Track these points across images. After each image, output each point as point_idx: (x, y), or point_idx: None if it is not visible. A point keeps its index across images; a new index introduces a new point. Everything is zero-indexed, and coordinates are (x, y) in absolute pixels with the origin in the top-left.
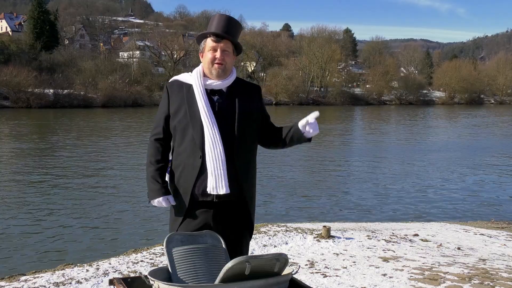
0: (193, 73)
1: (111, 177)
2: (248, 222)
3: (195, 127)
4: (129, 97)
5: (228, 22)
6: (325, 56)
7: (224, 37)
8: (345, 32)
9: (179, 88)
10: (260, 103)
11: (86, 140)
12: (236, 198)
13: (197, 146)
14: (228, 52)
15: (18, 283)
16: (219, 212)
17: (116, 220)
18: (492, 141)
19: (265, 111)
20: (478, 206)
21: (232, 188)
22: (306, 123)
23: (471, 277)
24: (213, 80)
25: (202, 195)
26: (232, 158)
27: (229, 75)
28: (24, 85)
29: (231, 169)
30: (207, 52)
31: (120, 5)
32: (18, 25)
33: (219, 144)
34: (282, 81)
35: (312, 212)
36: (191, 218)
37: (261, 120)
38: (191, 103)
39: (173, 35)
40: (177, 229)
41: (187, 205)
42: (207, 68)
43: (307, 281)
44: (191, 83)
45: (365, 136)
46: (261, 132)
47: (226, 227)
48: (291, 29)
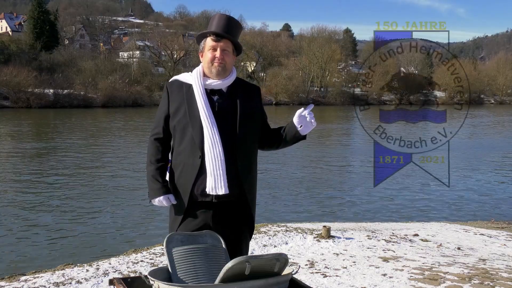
0: (193, 73)
1: (111, 177)
2: (248, 222)
3: (194, 127)
4: (129, 97)
5: (228, 22)
6: (325, 56)
7: (224, 36)
8: (345, 32)
9: (179, 88)
10: (260, 104)
11: (86, 140)
12: (236, 199)
13: (197, 146)
14: (228, 52)
15: (18, 283)
16: (218, 212)
17: (116, 220)
18: (492, 141)
19: (263, 112)
20: (478, 206)
21: (231, 188)
22: (299, 115)
23: (471, 277)
24: (213, 79)
25: (201, 195)
26: (234, 158)
27: (229, 75)
28: (24, 85)
29: (232, 170)
30: (207, 51)
31: (120, 5)
32: (18, 25)
33: (219, 144)
34: (282, 81)
35: (312, 212)
36: (190, 218)
37: (261, 121)
38: (191, 103)
39: (173, 35)
40: (176, 229)
41: (186, 205)
42: (206, 67)
43: (307, 281)
44: (191, 82)
45: (365, 136)
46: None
47: (225, 227)
48: (291, 29)
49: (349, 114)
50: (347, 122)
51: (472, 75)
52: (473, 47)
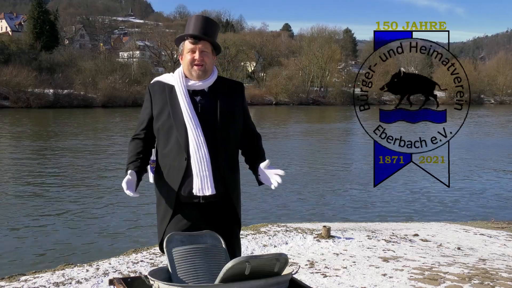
0: (175, 74)
1: (110, 177)
2: (235, 218)
3: (179, 129)
4: (129, 97)
5: (205, 23)
6: (325, 56)
7: (202, 38)
8: (345, 32)
9: (162, 89)
10: (242, 101)
11: (86, 140)
12: (222, 198)
13: (182, 148)
14: (207, 53)
15: (18, 283)
16: (205, 212)
17: (116, 220)
18: (492, 141)
19: (246, 110)
20: (478, 206)
21: (217, 188)
22: (264, 169)
23: (471, 277)
24: (195, 81)
25: (188, 196)
26: (216, 158)
27: (210, 75)
28: (24, 85)
29: (216, 170)
30: (186, 54)
31: (120, 5)
32: (18, 25)
33: (203, 145)
34: (282, 81)
35: (312, 212)
36: (178, 219)
37: (242, 119)
38: (174, 105)
39: (173, 35)
40: (164, 230)
41: (173, 206)
42: (187, 69)
43: (307, 281)
44: (173, 84)
45: (365, 136)
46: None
47: (214, 226)
48: (291, 29)
49: (349, 114)
50: (347, 122)
51: (472, 75)
52: (473, 47)
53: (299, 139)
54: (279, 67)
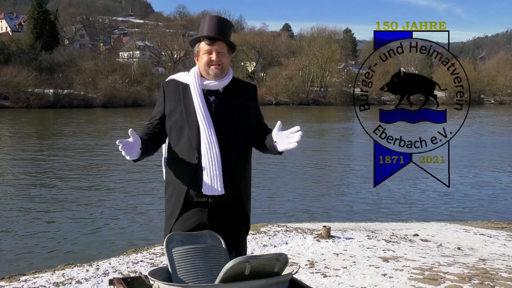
0: (190, 73)
1: (110, 177)
2: (244, 219)
3: (191, 128)
4: (129, 97)
5: (219, 23)
6: (325, 56)
7: (218, 39)
8: (345, 32)
9: (176, 88)
10: (255, 103)
11: (86, 140)
12: (231, 198)
13: (193, 147)
14: (223, 53)
15: (18, 283)
16: (214, 212)
17: (116, 220)
18: (492, 141)
19: (259, 112)
20: (478, 206)
21: (227, 188)
22: (278, 131)
23: (471, 277)
24: (210, 80)
25: (197, 195)
26: (229, 159)
27: (226, 75)
28: (24, 85)
29: (227, 170)
30: (202, 55)
31: (120, 5)
32: (18, 25)
33: (215, 145)
34: (282, 81)
35: (312, 212)
36: (185, 218)
37: (256, 120)
38: (187, 104)
39: (173, 35)
40: (171, 228)
41: (182, 204)
42: (204, 70)
43: (307, 281)
44: (188, 83)
45: (365, 136)
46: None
47: (221, 226)
48: (291, 29)
49: (349, 114)
50: (347, 122)
51: (472, 75)
52: (473, 47)
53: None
54: (279, 67)
